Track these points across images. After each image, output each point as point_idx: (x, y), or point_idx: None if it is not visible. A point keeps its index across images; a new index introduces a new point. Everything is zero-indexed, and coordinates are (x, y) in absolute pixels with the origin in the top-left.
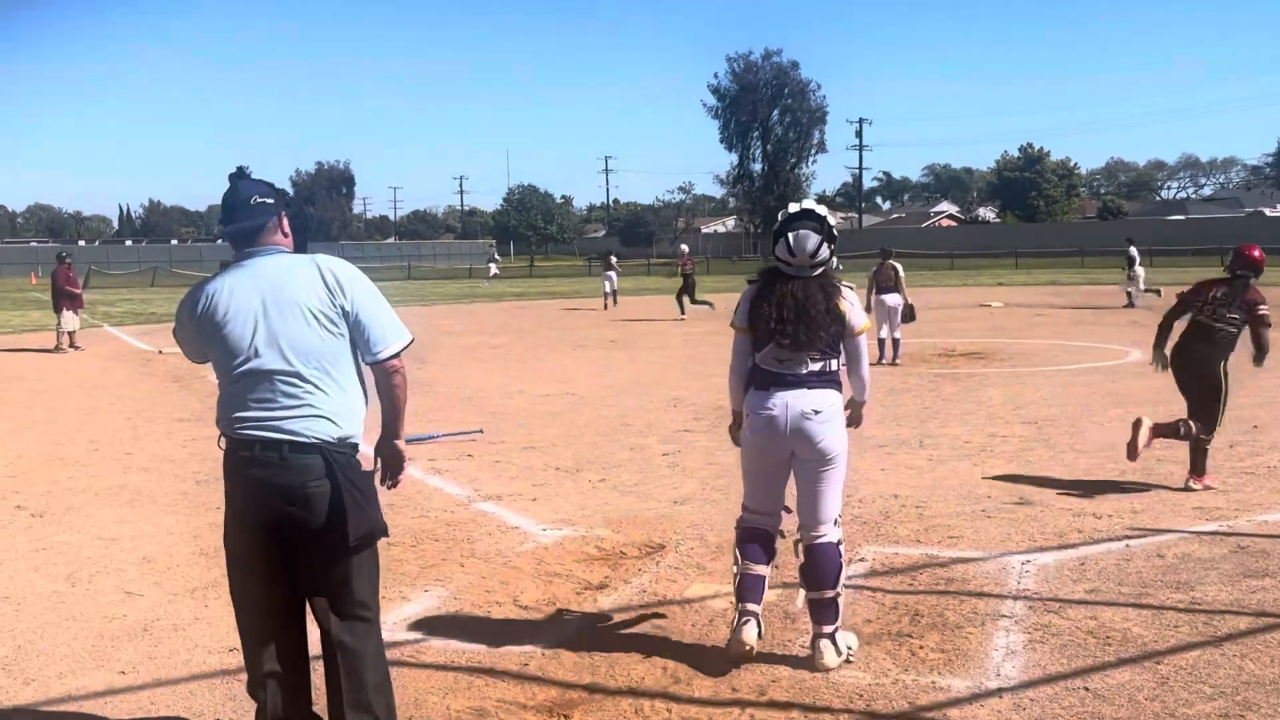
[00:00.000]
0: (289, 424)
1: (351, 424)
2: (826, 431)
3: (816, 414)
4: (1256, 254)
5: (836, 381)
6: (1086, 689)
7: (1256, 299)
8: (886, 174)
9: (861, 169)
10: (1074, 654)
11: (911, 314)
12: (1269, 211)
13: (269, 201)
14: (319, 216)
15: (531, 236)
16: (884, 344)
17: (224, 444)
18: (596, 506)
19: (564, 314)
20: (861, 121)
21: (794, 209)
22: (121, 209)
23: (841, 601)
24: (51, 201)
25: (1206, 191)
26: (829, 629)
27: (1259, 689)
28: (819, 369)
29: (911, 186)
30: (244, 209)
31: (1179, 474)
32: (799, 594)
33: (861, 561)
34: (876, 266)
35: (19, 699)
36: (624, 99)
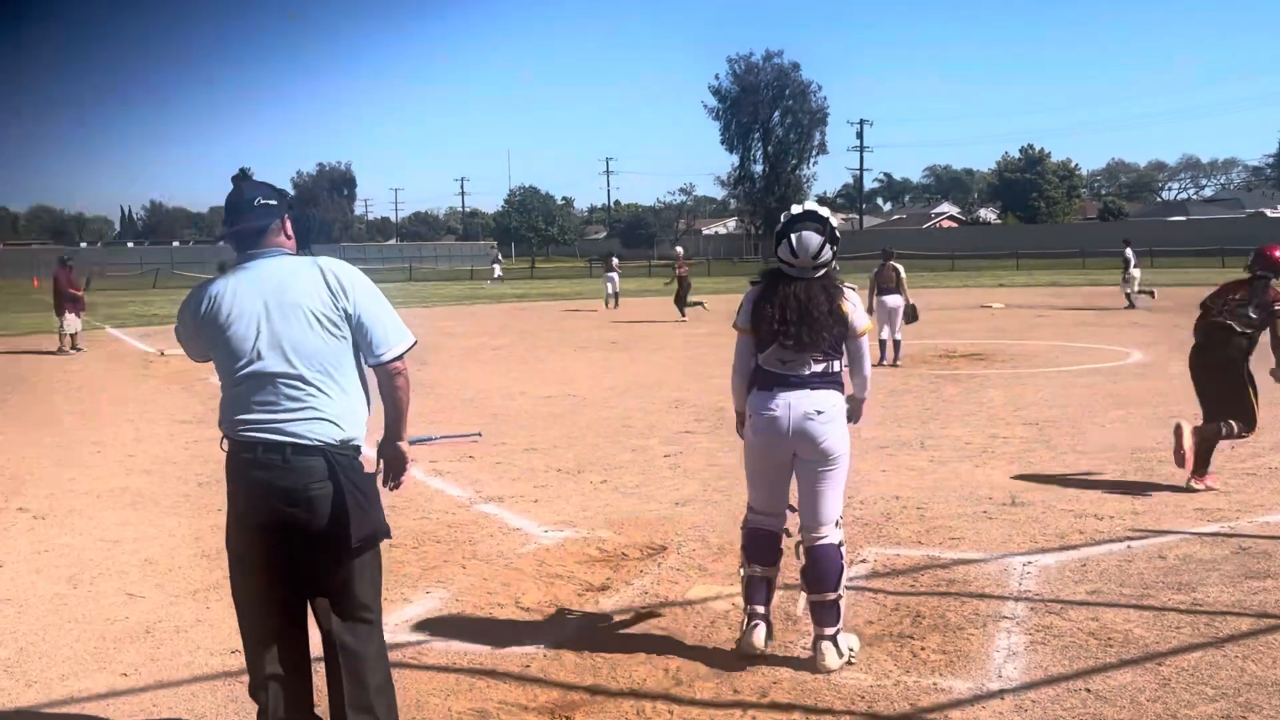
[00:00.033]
0: (292, 426)
1: (354, 426)
2: (829, 432)
3: (819, 414)
4: (1277, 254)
5: (839, 382)
6: (1088, 690)
7: (1276, 299)
8: (887, 175)
9: (862, 170)
10: (1075, 655)
11: (914, 314)
12: (1270, 212)
13: (272, 203)
14: (320, 218)
15: (532, 238)
16: (885, 345)
17: (226, 446)
18: (598, 508)
19: (565, 315)
20: (862, 123)
21: (797, 210)
22: (123, 210)
23: (843, 603)
24: (53, 202)
25: (1207, 192)
26: (831, 631)
27: (1261, 690)
28: (822, 370)
29: (912, 188)
30: (248, 210)
31: (1180, 475)
32: (800, 596)
33: (863, 563)
34: (878, 268)
35: (21, 701)
36: (625, 100)
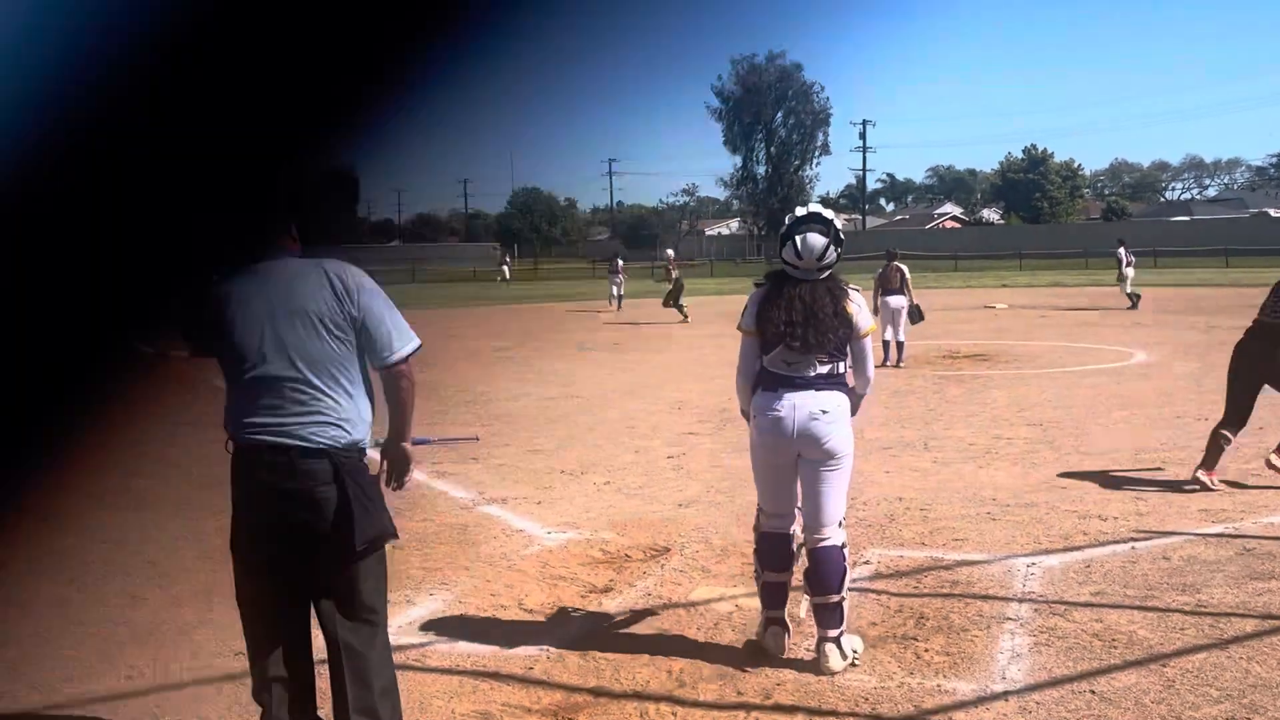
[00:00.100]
0: (298, 429)
1: (360, 429)
2: (833, 432)
3: (824, 414)
4: None
5: (844, 384)
6: (1092, 692)
7: None
8: (890, 176)
9: (865, 171)
10: (1079, 657)
11: (919, 314)
12: (1273, 212)
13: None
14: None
15: (535, 239)
16: (888, 346)
17: (231, 448)
18: (601, 509)
19: (569, 316)
20: (865, 123)
21: (801, 212)
22: None
23: (846, 605)
24: None
25: (1211, 192)
26: (834, 633)
27: (1265, 692)
28: (827, 371)
29: (915, 188)
30: None
31: (1184, 476)
32: (803, 598)
33: (866, 564)
34: (882, 268)
35: (25, 704)
36: (626, 101)
